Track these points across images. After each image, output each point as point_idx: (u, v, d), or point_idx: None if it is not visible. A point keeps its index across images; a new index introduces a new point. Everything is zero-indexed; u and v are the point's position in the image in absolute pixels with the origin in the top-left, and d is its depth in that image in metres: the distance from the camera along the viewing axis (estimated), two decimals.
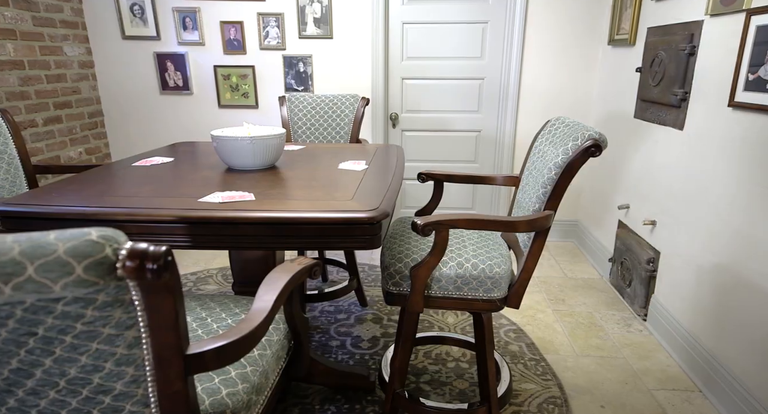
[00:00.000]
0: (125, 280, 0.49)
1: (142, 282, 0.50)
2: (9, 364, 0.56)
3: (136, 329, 0.56)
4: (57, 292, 0.46)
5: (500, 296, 1.26)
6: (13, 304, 0.48)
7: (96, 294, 0.48)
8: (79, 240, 0.45)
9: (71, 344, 0.54)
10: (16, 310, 0.49)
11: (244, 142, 1.36)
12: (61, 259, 0.44)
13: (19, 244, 0.44)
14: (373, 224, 1.04)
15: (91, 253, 0.45)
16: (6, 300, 0.46)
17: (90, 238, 0.45)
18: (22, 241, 0.45)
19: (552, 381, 1.74)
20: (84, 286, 0.46)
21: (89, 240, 0.45)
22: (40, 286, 0.44)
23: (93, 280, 0.46)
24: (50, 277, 0.44)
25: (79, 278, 0.45)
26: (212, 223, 1.03)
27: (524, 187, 1.40)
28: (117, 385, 0.60)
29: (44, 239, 0.44)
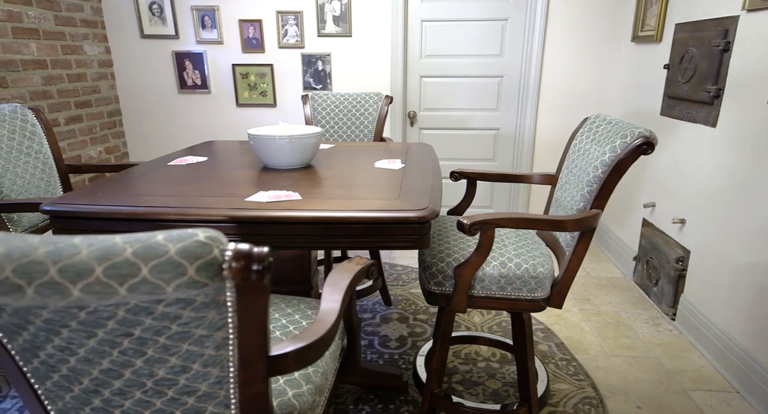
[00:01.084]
0: (226, 281, 0.48)
1: (241, 283, 0.49)
2: (100, 365, 0.56)
3: (225, 330, 0.56)
4: (169, 293, 0.45)
5: (544, 296, 1.25)
6: (117, 305, 0.48)
7: (197, 295, 0.48)
8: (189, 241, 0.44)
9: (164, 345, 0.54)
10: (119, 311, 0.48)
11: (283, 141, 1.35)
12: (174, 260, 0.43)
13: (130, 244, 0.43)
14: (423, 224, 1.03)
15: (201, 255, 0.44)
16: (119, 301, 0.46)
17: (199, 239, 0.44)
18: (131, 241, 0.44)
19: (585, 381, 1.72)
20: (195, 288, 0.45)
21: (198, 241, 0.44)
22: (154, 287, 0.44)
23: (204, 281, 0.45)
24: (164, 278, 0.44)
25: (191, 279, 0.44)
26: (262, 223, 1.03)
27: (564, 185, 1.39)
28: (202, 386, 0.60)
29: (153, 240, 0.44)
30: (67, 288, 0.43)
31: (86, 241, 0.45)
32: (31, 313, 0.50)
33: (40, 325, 0.51)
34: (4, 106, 1.51)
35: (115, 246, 0.44)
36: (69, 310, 0.49)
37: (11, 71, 2.31)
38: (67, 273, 0.43)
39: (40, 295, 0.43)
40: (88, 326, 0.51)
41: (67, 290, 0.43)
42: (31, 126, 1.55)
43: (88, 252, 0.43)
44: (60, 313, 0.49)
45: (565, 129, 3.12)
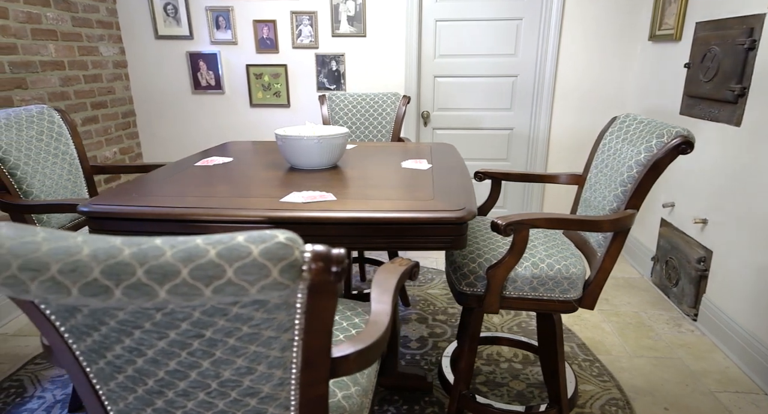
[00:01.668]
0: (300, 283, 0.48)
1: (317, 284, 0.49)
2: (167, 366, 0.56)
3: (291, 332, 0.56)
4: (252, 295, 0.45)
5: (576, 297, 1.24)
6: (194, 307, 0.47)
7: (274, 297, 0.47)
8: (270, 242, 0.44)
9: (232, 346, 0.54)
10: (195, 312, 0.48)
11: (312, 141, 1.35)
12: (258, 262, 0.43)
13: (212, 246, 0.43)
14: (461, 224, 1.02)
15: (284, 256, 0.44)
16: (202, 302, 0.45)
17: (280, 241, 0.44)
18: (213, 242, 0.44)
19: (610, 382, 1.72)
20: (278, 289, 0.45)
21: (280, 242, 0.44)
22: (238, 288, 0.44)
23: (286, 283, 0.45)
24: (248, 280, 0.43)
25: (275, 281, 0.44)
26: (299, 224, 1.03)
27: (594, 185, 1.38)
28: (264, 388, 0.59)
29: (235, 241, 0.44)
30: (155, 289, 0.43)
31: (168, 243, 0.45)
32: (108, 315, 0.49)
33: (113, 326, 0.51)
34: (32, 108, 1.52)
35: (198, 247, 0.44)
36: (146, 312, 0.49)
37: (30, 72, 2.32)
38: (154, 274, 0.43)
39: (128, 296, 0.43)
40: (161, 327, 0.51)
41: (154, 291, 0.43)
42: (58, 127, 1.56)
43: (173, 253, 0.43)
44: (136, 315, 0.49)
45: (580, 129, 3.11)
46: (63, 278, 0.43)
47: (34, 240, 0.45)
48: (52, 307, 0.51)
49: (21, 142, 1.37)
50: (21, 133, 1.39)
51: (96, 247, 0.44)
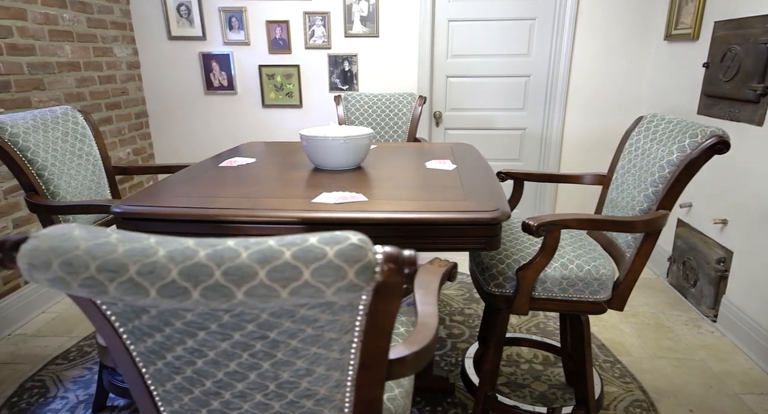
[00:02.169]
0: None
1: (387, 286, 0.48)
2: (227, 367, 0.56)
3: (351, 333, 0.55)
4: (328, 297, 0.44)
5: (606, 298, 1.23)
6: (262, 308, 0.47)
7: (346, 298, 0.47)
8: (344, 244, 0.44)
9: (294, 348, 0.54)
10: (263, 314, 0.48)
11: (338, 142, 1.35)
12: (334, 264, 0.43)
13: (287, 247, 0.43)
14: (495, 225, 1.02)
15: (358, 257, 0.43)
16: (279, 303, 0.45)
17: (353, 242, 0.44)
18: (287, 244, 0.43)
19: (633, 384, 1.71)
20: (353, 291, 0.45)
21: (354, 244, 0.44)
22: (315, 290, 0.43)
23: (361, 285, 0.45)
24: (325, 282, 0.43)
25: (351, 283, 0.44)
26: (333, 225, 1.02)
27: (621, 185, 1.37)
28: (321, 390, 0.59)
29: (309, 243, 0.43)
30: (232, 291, 0.43)
31: (242, 244, 0.44)
32: (175, 316, 0.49)
33: (178, 327, 0.51)
34: (56, 109, 1.52)
35: (272, 249, 0.43)
36: (215, 313, 0.48)
37: (48, 73, 2.32)
38: (231, 276, 0.42)
39: (206, 297, 0.43)
40: (227, 329, 0.51)
41: (231, 293, 0.43)
42: (82, 128, 1.56)
43: (248, 255, 0.43)
44: (204, 316, 0.49)
45: (594, 129, 3.09)
46: (142, 279, 0.43)
47: (109, 241, 0.45)
48: (119, 308, 0.51)
49: (48, 143, 1.37)
50: (47, 135, 1.39)
51: (171, 249, 0.44)
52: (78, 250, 0.44)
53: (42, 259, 0.44)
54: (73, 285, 0.44)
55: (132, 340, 0.57)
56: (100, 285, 0.44)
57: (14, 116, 1.33)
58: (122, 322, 0.55)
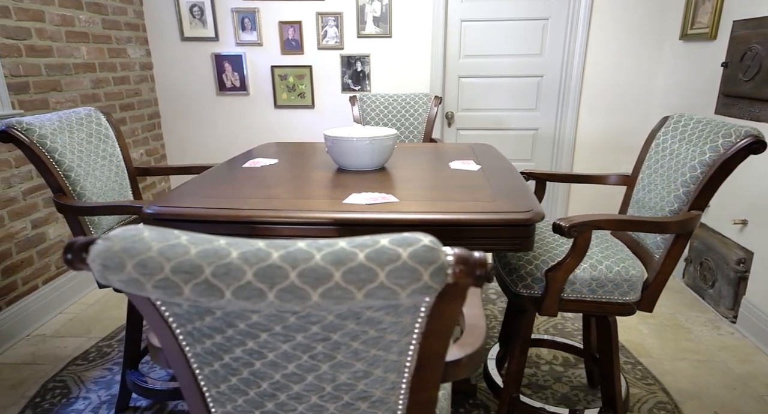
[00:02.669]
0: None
1: (456, 288, 0.48)
2: (285, 369, 0.56)
3: (410, 335, 0.55)
4: (402, 299, 0.44)
5: (635, 299, 1.22)
6: (330, 310, 0.47)
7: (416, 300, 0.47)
8: (417, 246, 0.43)
9: (354, 350, 0.53)
10: (329, 315, 0.48)
11: (363, 142, 1.35)
12: (409, 266, 0.43)
13: (359, 249, 0.43)
14: (529, 226, 1.02)
15: (432, 259, 0.43)
16: (353, 305, 0.45)
17: (426, 244, 0.44)
18: (358, 245, 0.43)
19: (655, 385, 1.70)
20: (427, 293, 0.44)
21: (426, 246, 0.44)
22: (390, 292, 0.43)
23: (435, 287, 0.44)
24: (400, 284, 0.43)
25: (425, 285, 0.44)
26: (366, 225, 1.02)
27: (647, 186, 1.36)
28: (377, 392, 0.59)
29: (382, 244, 0.43)
30: (308, 293, 0.42)
31: (313, 245, 0.44)
32: (240, 317, 0.49)
33: (242, 328, 0.51)
34: (80, 110, 1.52)
35: (345, 250, 0.43)
36: (281, 315, 0.48)
37: (65, 74, 2.33)
38: (307, 278, 0.42)
39: (281, 299, 0.43)
40: (291, 330, 0.50)
41: (307, 295, 0.42)
42: (105, 129, 1.56)
43: (322, 256, 0.43)
44: (271, 318, 0.49)
45: (607, 129, 3.08)
46: (217, 281, 0.43)
47: (180, 242, 0.45)
48: (182, 310, 0.51)
49: (73, 145, 1.38)
50: (72, 136, 1.39)
51: (244, 250, 0.43)
52: (151, 251, 0.44)
53: (116, 260, 0.44)
54: (148, 286, 0.44)
55: (189, 342, 0.57)
56: (175, 287, 0.43)
57: (41, 117, 1.34)
58: (180, 323, 0.55)
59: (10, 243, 2.00)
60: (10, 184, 2.00)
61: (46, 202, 2.20)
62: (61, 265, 2.29)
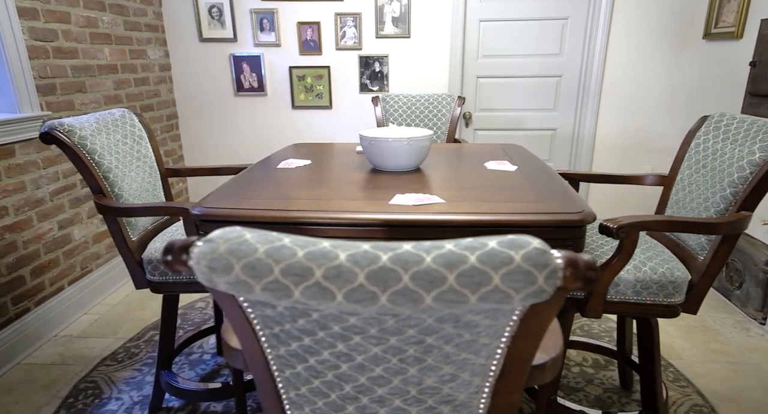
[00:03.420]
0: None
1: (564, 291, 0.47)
2: (372, 372, 0.55)
3: (500, 339, 0.54)
4: (515, 302, 0.43)
5: (680, 301, 1.21)
6: (431, 313, 0.46)
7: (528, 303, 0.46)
8: (529, 248, 0.43)
9: (446, 353, 0.53)
10: (429, 319, 0.47)
11: (402, 143, 1.34)
12: (523, 269, 0.42)
13: (469, 251, 0.42)
14: (581, 227, 1.01)
15: (546, 262, 0.42)
16: (468, 309, 0.44)
17: (537, 247, 0.43)
18: (466, 247, 0.42)
19: (689, 388, 1.68)
20: (540, 297, 0.44)
21: (538, 248, 0.43)
22: (504, 296, 0.42)
23: (548, 290, 0.43)
24: (515, 287, 0.42)
25: (540, 288, 0.43)
26: (414, 226, 1.01)
27: (688, 186, 1.35)
28: (461, 396, 0.58)
29: (492, 247, 0.42)
30: (421, 296, 0.42)
31: (421, 248, 0.43)
32: (337, 320, 0.49)
33: (335, 331, 0.50)
34: (115, 111, 1.53)
35: (455, 253, 0.43)
36: (380, 317, 0.48)
37: (89, 76, 2.34)
38: (420, 281, 0.41)
39: (393, 302, 0.42)
40: (386, 333, 0.50)
41: (421, 298, 0.42)
42: (138, 130, 1.57)
43: (432, 259, 0.42)
44: (369, 321, 0.48)
45: (628, 129, 3.06)
46: (329, 284, 0.42)
47: (285, 244, 0.44)
48: (274, 312, 0.51)
49: (110, 146, 1.38)
50: (109, 137, 1.40)
51: (351, 253, 0.43)
52: (258, 253, 0.43)
53: (222, 263, 0.44)
54: (256, 289, 0.44)
55: (273, 344, 0.56)
56: (285, 289, 0.43)
57: (79, 119, 1.34)
58: (267, 325, 0.54)
59: (39, 244, 2.01)
60: (38, 186, 2.00)
61: (71, 203, 2.20)
62: (85, 265, 2.30)
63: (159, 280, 1.36)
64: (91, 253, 2.35)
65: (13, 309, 1.87)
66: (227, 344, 0.63)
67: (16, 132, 1.86)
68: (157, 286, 1.37)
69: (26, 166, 1.94)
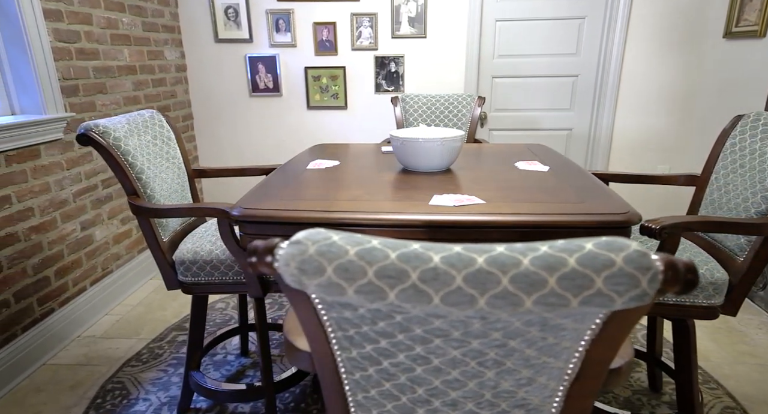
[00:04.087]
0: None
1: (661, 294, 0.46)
2: (447, 375, 0.54)
3: (580, 342, 0.53)
4: (617, 305, 0.43)
5: (719, 303, 1.20)
6: (522, 316, 0.46)
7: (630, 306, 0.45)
8: (629, 250, 0.42)
9: (526, 357, 0.52)
10: (517, 321, 0.46)
11: (434, 143, 1.33)
12: (626, 271, 0.41)
13: (567, 253, 0.41)
14: (626, 227, 1.00)
15: (648, 265, 0.42)
16: (567, 313, 0.44)
17: (637, 249, 0.42)
18: (562, 249, 0.42)
19: (719, 390, 1.66)
20: (643, 300, 0.43)
21: (638, 250, 0.42)
22: (607, 299, 0.42)
23: (651, 293, 0.43)
24: (618, 290, 0.41)
25: (643, 292, 0.42)
26: (458, 228, 1.01)
27: (725, 186, 1.34)
28: (535, 399, 0.57)
29: (591, 249, 0.42)
30: (521, 299, 0.41)
31: (516, 250, 0.43)
32: (421, 322, 0.48)
33: (416, 334, 0.50)
34: (144, 112, 1.53)
35: (553, 255, 0.42)
36: (467, 320, 0.47)
37: (109, 77, 2.35)
38: (519, 284, 0.41)
39: (491, 306, 0.42)
40: (470, 336, 0.49)
41: (521, 301, 0.41)
42: (167, 131, 1.57)
43: (530, 261, 0.41)
44: (455, 324, 0.47)
45: (645, 129, 3.04)
46: (425, 287, 0.41)
47: (374, 246, 0.44)
48: (355, 314, 0.50)
49: (142, 147, 1.38)
50: (140, 138, 1.40)
51: (445, 255, 0.42)
52: (349, 255, 0.43)
53: (314, 264, 0.43)
54: (349, 291, 0.43)
55: (345, 346, 0.56)
56: (379, 291, 0.42)
57: (112, 120, 1.34)
58: (342, 327, 0.54)
59: (62, 245, 2.01)
60: (62, 187, 2.01)
61: (93, 204, 2.21)
62: (106, 266, 2.31)
63: (191, 281, 1.36)
64: (111, 254, 2.35)
65: (38, 310, 1.88)
66: (292, 346, 0.63)
67: (42, 133, 1.87)
68: (189, 287, 1.37)
69: (51, 167, 1.95)
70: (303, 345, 0.62)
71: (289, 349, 0.64)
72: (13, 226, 1.76)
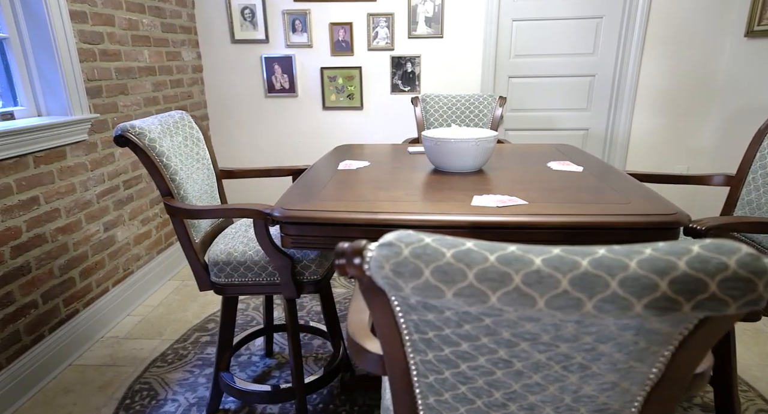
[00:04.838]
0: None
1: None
2: (529, 379, 0.53)
3: (668, 346, 0.52)
4: (731, 310, 0.42)
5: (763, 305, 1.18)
6: (630, 319, 0.45)
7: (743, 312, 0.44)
8: (740, 254, 0.41)
9: (614, 361, 0.51)
10: (611, 326, 0.45)
11: (468, 144, 1.33)
12: (741, 275, 0.40)
13: (676, 257, 0.41)
14: (675, 228, 0.98)
15: (763, 269, 0.41)
16: (680, 318, 0.43)
17: (750, 252, 0.41)
18: (670, 252, 0.41)
19: (751, 392, 1.64)
20: (757, 305, 0.42)
21: (751, 254, 0.41)
22: (720, 304, 0.41)
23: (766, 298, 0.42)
24: (732, 295, 0.41)
25: (759, 296, 0.41)
26: (503, 228, 1.00)
27: (762, 186, 1.32)
28: (615, 404, 0.56)
29: (699, 252, 0.41)
30: (631, 303, 0.40)
31: (621, 252, 0.42)
32: (510, 326, 0.47)
33: (502, 337, 0.49)
34: (174, 114, 1.53)
35: (660, 259, 0.41)
36: (561, 323, 0.46)
37: (131, 78, 2.35)
38: (629, 288, 0.40)
39: (599, 310, 0.41)
40: (560, 340, 0.48)
41: (630, 305, 0.40)
42: (196, 132, 1.57)
43: (637, 264, 0.41)
44: (546, 327, 0.47)
45: (663, 129, 3.02)
46: (530, 290, 0.41)
47: (471, 248, 0.43)
48: (440, 317, 0.49)
49: (174, 148, 1.38)
50: (173, 139, 1.40)
51: (546, 257, 0.41)
52: (446, 257, 0.42)
53: (410, 267, 0.43)
54: (448, 294, 0.42)
55: (420, 349, 0.55)
56: (481, 294, 0.42)
57: (145, 121, 1.34)
58: (418, 330, 0.53)
59: (87, 246, 2.02)
60: (87, 188, 2.02)
61: (115, 205, 2.22)
62: (127, 267, 2.31)
63: (225, 282, 1.35)
64: (132, 255, 2.36)
65: (64, 310, 1.88)
66: (361, 348, 0.62)
67: (68, 134, 1.87)
68: (222, 288, 1.37)
69: (76, 168, 1.95)
70: (373, 347, 0.61)
71: (358, 352, 0.63)
72: (41, 227, 1.77)
